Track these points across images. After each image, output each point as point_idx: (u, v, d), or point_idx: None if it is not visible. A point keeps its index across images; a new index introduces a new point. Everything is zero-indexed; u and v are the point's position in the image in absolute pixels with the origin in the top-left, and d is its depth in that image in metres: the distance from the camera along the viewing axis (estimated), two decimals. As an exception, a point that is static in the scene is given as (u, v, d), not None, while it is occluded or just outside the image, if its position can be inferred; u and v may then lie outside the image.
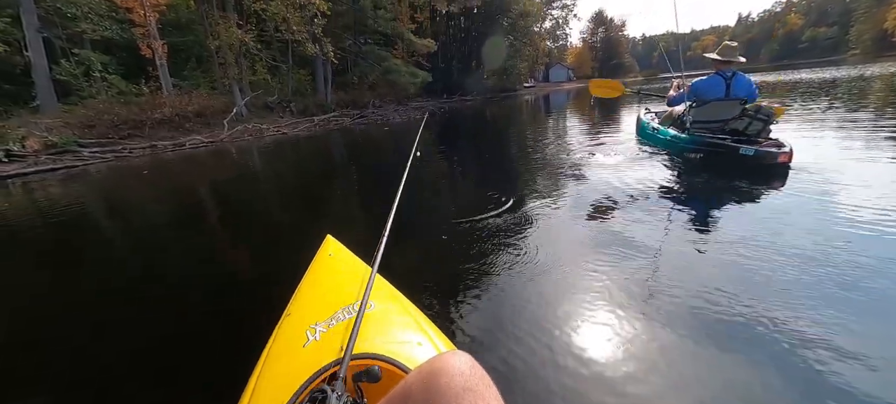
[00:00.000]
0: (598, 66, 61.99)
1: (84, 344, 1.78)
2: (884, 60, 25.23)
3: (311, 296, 1.19)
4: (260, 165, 6.78)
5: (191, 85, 12.64)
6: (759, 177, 3.03)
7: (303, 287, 1.25)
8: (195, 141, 10.02)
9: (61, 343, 1.79)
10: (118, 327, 1.89)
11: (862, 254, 1.80)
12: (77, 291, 2.34)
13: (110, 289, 2.32)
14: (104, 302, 2.17)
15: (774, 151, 3.10)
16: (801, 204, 2.49)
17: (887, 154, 3.41)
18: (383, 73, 18.40)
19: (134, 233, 3.51)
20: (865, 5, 63.20)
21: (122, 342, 1.75)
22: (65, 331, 1.89)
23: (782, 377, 1.20)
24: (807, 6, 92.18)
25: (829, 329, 1.37)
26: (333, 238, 1.53)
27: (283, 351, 0.94)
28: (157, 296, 2.17)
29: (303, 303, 1.15)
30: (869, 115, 5.45)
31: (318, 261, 1.40)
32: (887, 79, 11.05)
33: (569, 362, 1.31)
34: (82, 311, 2.08)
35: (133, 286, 2.36)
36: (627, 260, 1.94)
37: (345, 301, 1.07)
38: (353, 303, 1.04)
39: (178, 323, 1.86)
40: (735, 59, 3.59)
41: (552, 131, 7.77)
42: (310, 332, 0.93)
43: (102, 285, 2.40)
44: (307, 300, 1.16)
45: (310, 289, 1.23)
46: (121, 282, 2.43)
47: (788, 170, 3.09)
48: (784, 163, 3.08)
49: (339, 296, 1.12)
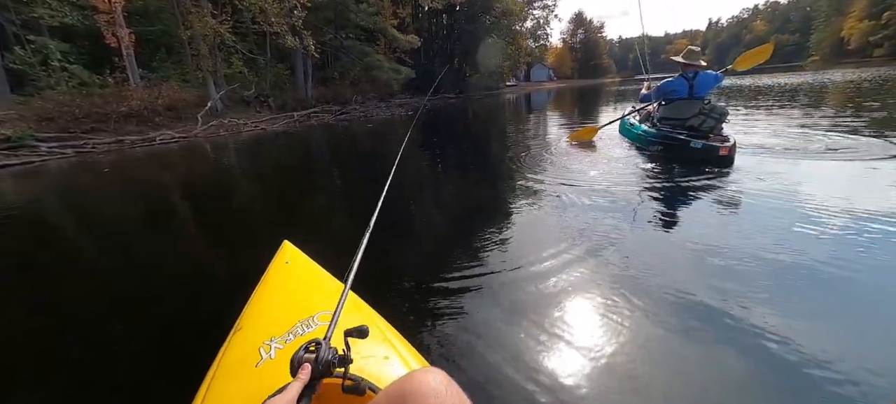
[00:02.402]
0: (577, 66, 63.21)
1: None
2: (841, 67, 26.92)
3: (265, 308, 1.07)
4: (235, 163, 6.45)
5: (161, 77, 11.97)
6: (720, 171, 3.32)
7: (256, 298, 1.13)
8: (166, 136, 9.50)
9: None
10: (40, 338, 1.68)
11: (798, 241, 1.97)
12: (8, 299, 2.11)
13: (39, 297, 2.10)
14: (28, 309, 1.96)
15: (717, 145, 3.48)
16: (754, 196, 2.67)
17: (836, 154, 3.66)
18: (365, 69, 18.04)
19: (80, 237, 3.22)
20: (824, 14, 67.12)
21: (37, 358, 1.55)
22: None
23: (747, 365, 1.21)
24: (771, 13, 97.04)
25: (764, 308, 1.47)
26: (291, 244, 1.40)
27: (231, 371, 0.82)
28: (90, 308, 1.95)
29: (256, 317, 1.02)
30: (822, 118, 5.86)
31: (274, 269, 1.27)
32: (841, 87, 11.74)
33: (550, 375, 1.24)
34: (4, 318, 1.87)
35: (68, 294, 2.14)
36: (604, 263, 1.91)
37: (304, 313, 0.94)
38: (313, 316, 0.92)
39: (111, 339, 1.65)
40: (697, 63, 3.94)
41: (534, 130, 7.82)
42: (263, 350, 0.82)
43: (31, 291, 2.18)
44: (261, 313, 1.04)
45: (264, 301, 1.11)
46: (56, 289, 2.20)
47: (732, 162, 3.48)
48: (724, 155, 3.45)
49: (298, 308, 1.00)
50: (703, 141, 3.58)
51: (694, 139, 3.66)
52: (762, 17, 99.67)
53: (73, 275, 2.44)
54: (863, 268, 1.70)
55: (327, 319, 0.90)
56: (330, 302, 1.02)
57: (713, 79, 3.94)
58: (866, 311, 1.48)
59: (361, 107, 16.63)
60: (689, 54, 3.98)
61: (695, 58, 3.96)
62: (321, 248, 1.50)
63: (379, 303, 1.14)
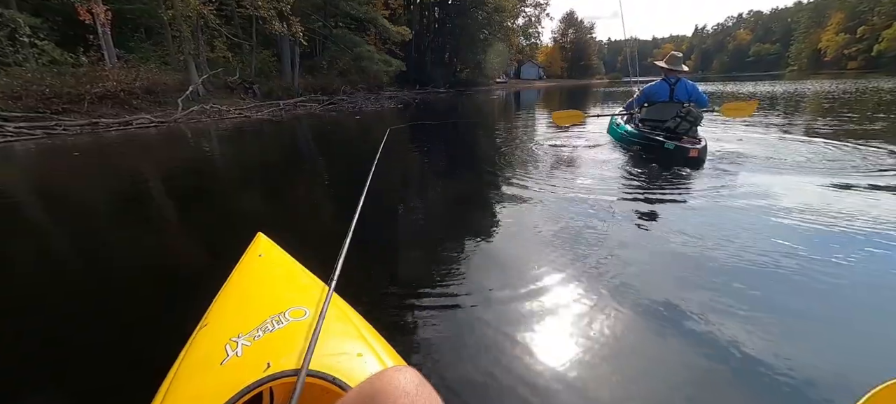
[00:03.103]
0: (567, 66, 63.73)
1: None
2: (817, 78, 27.94)
3: (234, 302, 1.02)
4: (215, 151, 6.22)
5: (139, 58, 11.47)
6: (696, 175, 3.43)
7: (225, 292, 1.08)
8: (143, 120, 9.12)
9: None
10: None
11: (767, 246, 2.03)
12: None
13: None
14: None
15: (688, 147, 3.62)
16: (728, 203, 2.72)
17: (808, 161, 3.79)
18: (355, 60, 17.73)
19: (42, 224, 3.03)
20: (804, 26, 69.49)
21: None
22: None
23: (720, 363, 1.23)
24: (754, 23, 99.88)
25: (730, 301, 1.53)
26: (265, 236, 1.33)
27: (195, 369, 0.77)
28: (46, 301, 1.82)
29: (223, 312, 0.97)
30: (798, 126, 6.07)
31: (246, 262, 1.21)
32: (819, 96, 12.17)
33: (524, 378, 1.22)
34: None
35: (23, 285, 2.01)
36: (581, 266, 1.89)
37: (275, 308, 0.90)
38: (285, 312, 0.88)
39: (67, 334, 1.54)
40: (679, 68, 4.10)
41: (522, 127, 7.80)
42: (230, 347, 0.77)
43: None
44: (229, 308, 0.99)
45: (233, 295, 1.06)
46: (10, 280, 2.08)
47: (702, 163, 3.65)
48: (694, 156, 3.60)
49: (269, 302, 0.95)
50: (676, 142, 3.72)
51: (668, 140, 3.81)
52: (746, 26, 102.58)
53: (30, 264, 2.28)
54: (828, 272, 1.76)
55: (300, 315, 0.87)
56: (304, 297, 0.99)
57: (694, 90, 4.10)
58: (831, 312, 1.53)
59: (350, 99, 16.37)
60: (672, 60, 4.15)
61: (677, 63, 4.13)
62: (298, 241, 1.45)
63: (355, 298, 1.10)
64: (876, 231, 2.15)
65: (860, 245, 2.00)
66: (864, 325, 1.47)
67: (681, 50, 6.54)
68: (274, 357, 0.74)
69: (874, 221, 2.26)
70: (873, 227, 2.19)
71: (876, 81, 18.37)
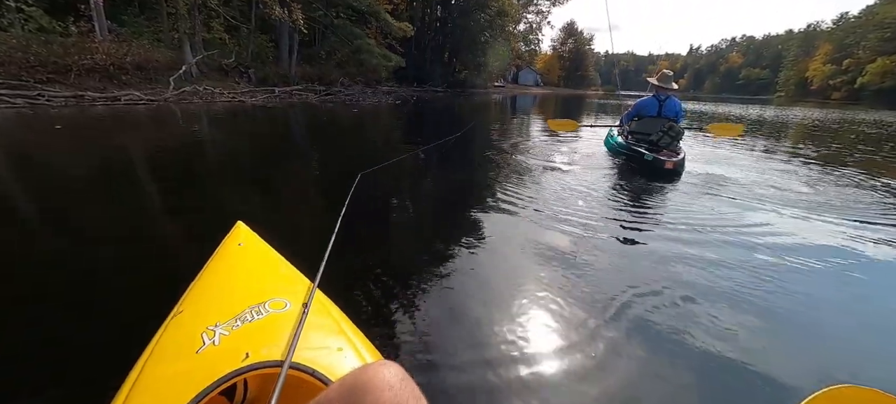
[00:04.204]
0: (564, 75, 64.33)
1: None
2: (803, 106, 28.83)
3: (211, 291, 1.00)
4: (205, 134, 6.03)
5: (131, 32, 11.15)
6: (678, 188, 3.58)
7: (202, 280, 1.05)
8: (132, 97, 8.87)
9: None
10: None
11: (740, 260, 2.13)
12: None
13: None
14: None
15: (664, 159, 3.87)
16: (704, 221, 2.78)
17: (788, 186, 3.96)
18: (354, 52, 17.55)
19: (12, 199, 2.86)
20: (793, 54, 71.56)
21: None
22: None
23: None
24: (747, 47, 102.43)
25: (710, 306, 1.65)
26: (245, 225, 1.31)
27: (167, 356, 0.75)
28: (12, 282, 1.72)
29: (200, 300, 0.95)
30: (782, 151, 6.30)
31: (225, 250, 1.19)
32: (805, 123, 12.58)
33: (504, 376, 1.24)
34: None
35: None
36: (565, 272, 1.92)
37: (254, 299, 0.89)
38: (265, 303, 0.87)
39: (32, 319, 1.47)
40: (669, 86, 4.33)
41: (517, 132, 7.83)
42: (206, 335, 0.75)
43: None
44: (206, 296, 0.97)
45: (210, 284, 1.03)
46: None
47: (679, 175, 3.92)
48: (669, 168, 3.85)
49: (248, 292, 0.94)
50: (654, 155, 3.97)
51: (648, 152, 4.05)
52: (738, 49, 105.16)
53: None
54: (795, 285, 1.87)
55: (280, 306, 0.86)
56: (284, 288, 0.98)
57: (678, 108, 4.39)
58: (793, 321, 1.63)
59: (347, 91, 16.22)
60: (663, 78, 4.38)
61: (667, 82, 4.35)
62: (281, 233, 1.42)
63: (337, 293, 1.08)
64: (829, 257, 2.23)
65: (817, 270, 2.08)
66: (823, 335, 1.57)
67: (675, 68, 6.79)
68: (253, 347, 0.72)
69: (833, 249, 2.36)
70: (830, 254, 2.28)
71: (858, 113, 19.07)
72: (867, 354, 1.47)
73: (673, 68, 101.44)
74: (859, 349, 1.50)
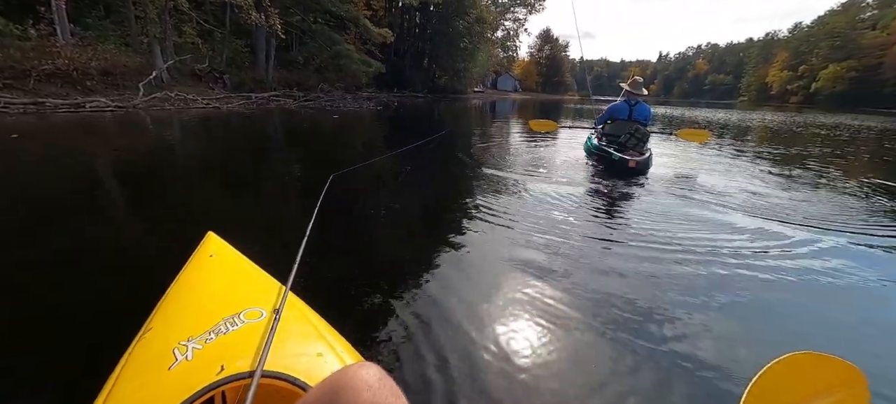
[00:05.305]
0: (542, 81, 65.69)
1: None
2: (763, 109, 30.53)
3: (182, 305, 0.97)
4: (177, 142, 5.80)
5: (96, 36, 10.64)
6: (649, 189, 3.72)
7: (172, 294, 1.02)
8: (99, 103, 8.45)
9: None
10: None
11: (701, 257, 2.22)
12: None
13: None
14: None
15: (628, 158, 4.15)
16: (672, 226, 2.85)
17: (748, 179, 4.35)
18: (333, 57, 17.36)
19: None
20: (754, 61, 75.82)
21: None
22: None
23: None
24: (711, 54, 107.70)
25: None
26: (216, 235, 1.28)
27: (138, 375, 0.72)
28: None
29: (170, 315, 0.92)
30: (745, 151, 6.76)
31: (196, 262, 1.16)
32: (766, 125, 13.35)
33: (485, 370, 1.26)
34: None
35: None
36: (539, 273, 1.94)
37: (228, 310, 0.87)
38: (240, 313, 0.85)
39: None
40: (639, 92, 4.67)
41: (496, 135, 7.94)
42: (178, 351, 0.73)
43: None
44: (177, 310, 0.94)
45: (182, 297, 1.01)
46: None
47: (642, 173, 4.20)
48: (632, 167, 4.13)
49: (222, 304, 0.92)
50: (620, 155, 4.26)
51: (615, 152, 4.35)
52: (704, 56, 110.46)
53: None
54: (755, 276, 1.98)
55: (256, 316, 0.85)
56: (259, 297, 0.96)
57: (648, 112, 4.76)
58: (731, 310, 1.72)
59: (327, 97, 15.99)
60: (634, 84, 4.70)
61: (638, 88, 4.67)
62: (256, 242, 1.40)
63: (315, 298, 1.07)
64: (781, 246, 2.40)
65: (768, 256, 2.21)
66: (782, 317, 1.69)
67: (646, 74, 7.21)
68: (228, 360, 0.70)
69: (782, 237, 2.54)
70: (781, 242, 2.45)
71: (817, 117, 20.38)
72: (819, 328, 1.63)
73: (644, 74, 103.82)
74: (814, 325, 1.65)
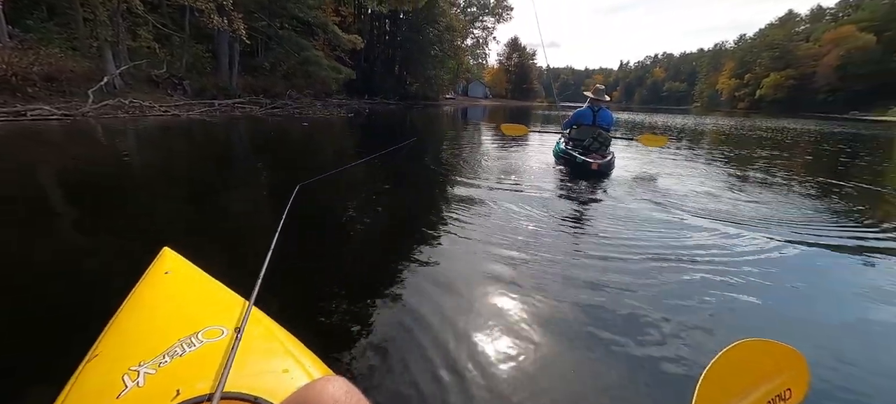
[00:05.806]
0: (511, 88, 67.20)
1: None
2: (715, 115, 32.81)
3: (134, 327, 0.90)
4: (130, 152, 5.45)
5: (38, 39, 9.86)
6: (612, 194, 3.87)
7: (122, 316, 0.95)
8: (42, 111, 7.80)
9: None
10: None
11: (666, 256, 2.33)
12: None
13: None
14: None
15: (591, 161, 4.43)
16: (636, 229, 2.97)
17: (706, 179, 4.73)
18: (302, 63, 16.96)
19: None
20: (705, 70, 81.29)
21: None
22: None
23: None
24: (667, 63, 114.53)
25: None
26: (173, 251, 1.21)
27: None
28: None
29: (120, 338, 0.86)
30: (700, 153, 7.29)
31: (149, 280, 1.09)
32: (717, 130, 14.40)
33: (455, 381, 1.26)
34: None
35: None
36: (508, 279, 1.96)
37: (185, 330, 0.82)
38: (198, 333, 0.81)
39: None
40: (602, 99, 5.03)
41: (468, 141, 8.07)
42: (129, 377, 0.68)
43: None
44: (128, 333, 0.88)
45: (133, 319, 0.94)
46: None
47: (605, 175, 4.50)
48: (595, 169, 4.39)
49: (178, 324, 0.87)
50: (584, 158, 4.53)
51: (579, 156, 4.62)
52: (661, 65, 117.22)
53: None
54: (716, 273, 2.12)
55: (216, 335, 0.80)
56: (220, 315, 0.91)
57: (611, 118, 5.08)
58: (691, 297, 1.86)
59: (296, 104, 15.58)
60: (597, 92, 5.06)
61: (601, 95, 5.03)
62: (216, 255, 1.35)
63: (282, 312, 1.05)
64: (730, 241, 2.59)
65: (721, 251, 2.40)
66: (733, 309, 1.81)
67: (608, 81, 7.67)
68: (185, 383, 0.66)
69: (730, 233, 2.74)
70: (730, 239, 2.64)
71: (764, 121, 22.08)
72: (768, 319, 1.76)
73: (606, 82, 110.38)
74: (763, 317, 1.77)
